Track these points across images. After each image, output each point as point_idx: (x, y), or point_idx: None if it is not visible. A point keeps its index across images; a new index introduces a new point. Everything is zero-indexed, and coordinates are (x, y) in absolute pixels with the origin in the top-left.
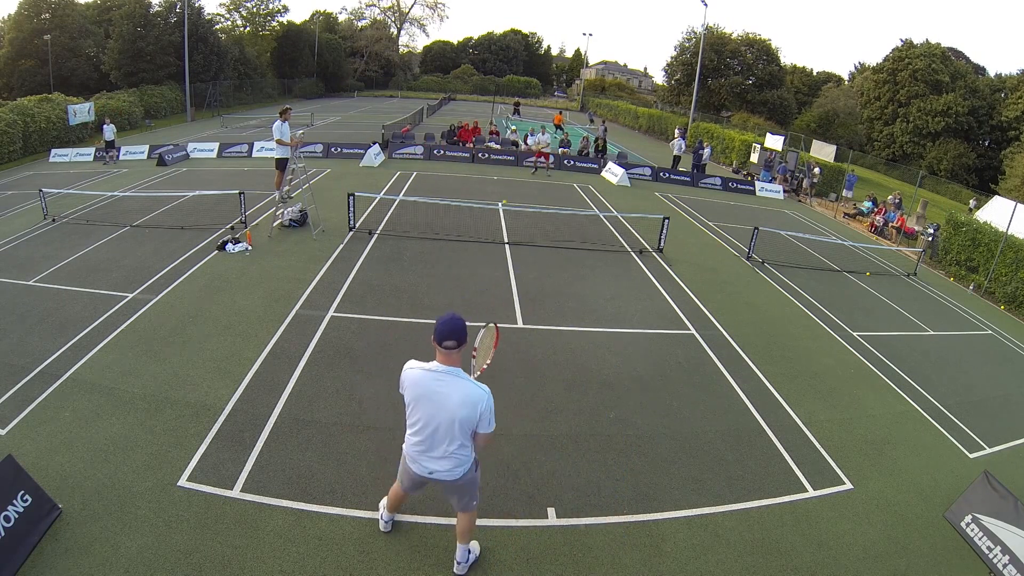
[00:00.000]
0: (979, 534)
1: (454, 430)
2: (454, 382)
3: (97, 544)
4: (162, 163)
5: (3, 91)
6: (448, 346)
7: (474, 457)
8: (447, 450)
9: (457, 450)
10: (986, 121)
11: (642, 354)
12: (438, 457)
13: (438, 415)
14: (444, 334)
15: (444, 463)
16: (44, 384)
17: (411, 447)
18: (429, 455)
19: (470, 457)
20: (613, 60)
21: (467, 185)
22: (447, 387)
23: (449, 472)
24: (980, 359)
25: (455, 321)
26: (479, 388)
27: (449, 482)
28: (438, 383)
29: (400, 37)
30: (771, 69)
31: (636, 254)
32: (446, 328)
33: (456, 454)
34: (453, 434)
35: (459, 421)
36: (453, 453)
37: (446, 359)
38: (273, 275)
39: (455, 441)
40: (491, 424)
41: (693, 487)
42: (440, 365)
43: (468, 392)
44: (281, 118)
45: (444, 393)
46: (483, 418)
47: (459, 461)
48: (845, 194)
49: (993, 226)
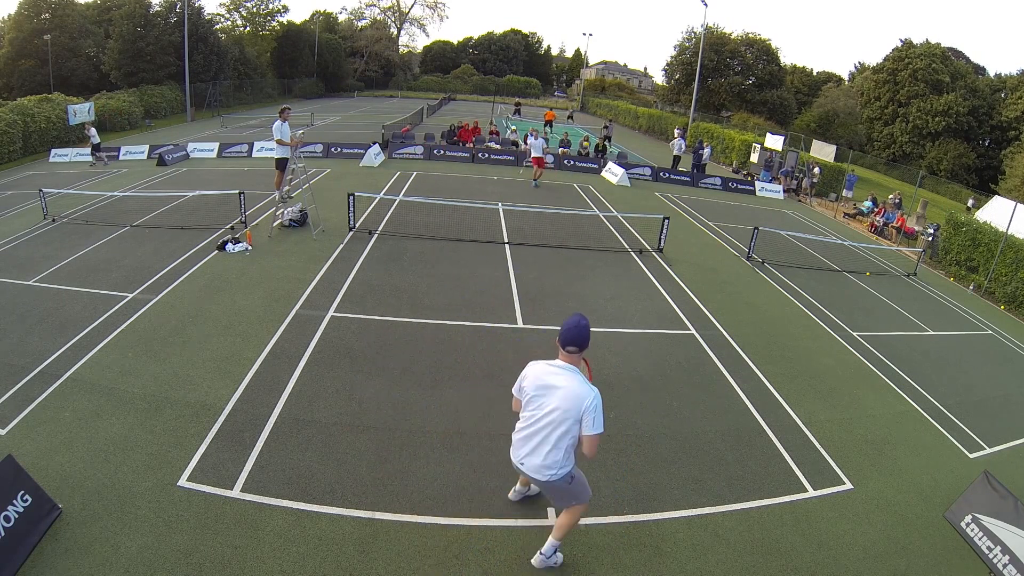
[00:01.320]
0: (979, 534)
1: (554, 426)
2: (567, 375)
3: (97, 544)
4: (162, 163)
5: (3, 91)
6: (570, 350)
7: (569, 471)
8: (542, 448)
9: (551, 452)
10: (986, 121)
11: (642, 354)
12: (531, 451)
13: (546, 404)
14: (567, 339)
15: (534, 458)
16: (44, 384)
17: (515, 435)
18: (526, 445)
19: (564, 467)
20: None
21: (467, 185)
22: (558, 379)
23: (537, 471)
24: (980, 359)
25: (580, 329)
26: (588, 386)
27: (538, 480)
28: (553, 375)
29: (400, 37)
30: (771, 69)
31: (636, 254)
32: (570, 335)
33: (550, 455)
34: (552, 430)
35: (562, 412)
36: (547, 453)
37: (567, 359)
38: (273, 275)
39: (550, 441)
40: (595, 425)
41: (693, 487)
42: (560, 361)
43: (576, 386)
44: (281, 118)
45: (554, 384)
46: (587, 415)
47: (551, 464)
48: (845, 194)
49: (993, 226)
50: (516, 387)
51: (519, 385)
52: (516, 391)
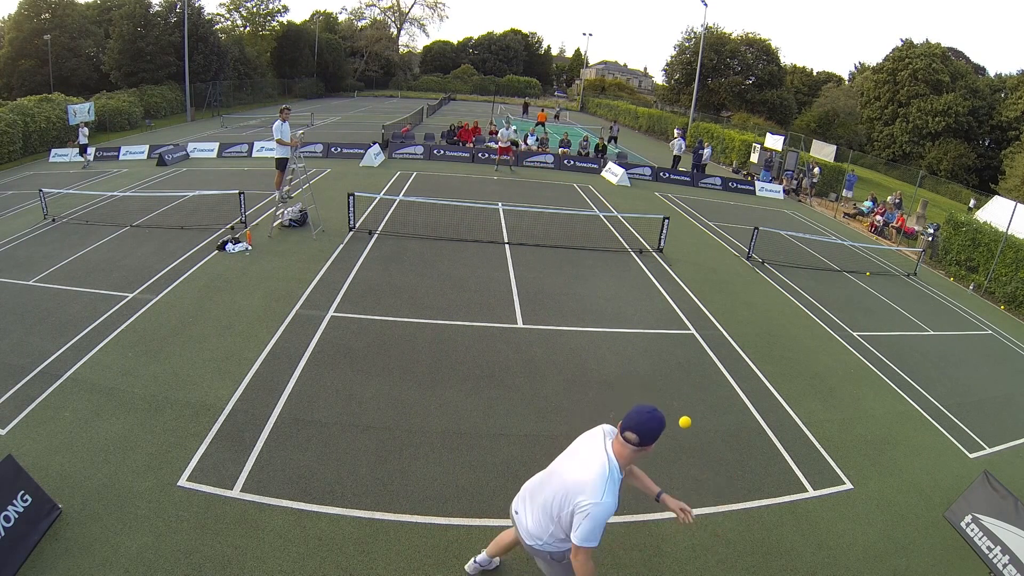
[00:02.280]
0: (979, 534)
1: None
2: (595, 456)
3: (97, 544)
4: (162, 163)
5: (3, 91)
6: (628, 436)
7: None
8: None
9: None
10: (986, 121)
11: (642, 354)
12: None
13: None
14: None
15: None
16: (44, 384)
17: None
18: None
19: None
20: (613, 60)
21: (467, 185)
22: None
23: (526, 532)
24: (980, 359)
25: (655, 419)
26: (602, 485)
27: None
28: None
29: (400, 37)
30: (771, 69)
31: (636, 254)
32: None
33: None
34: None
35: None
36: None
37: (619, 448)
38: (273, 275)
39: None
40: (582, 536)
41: (693, 487)
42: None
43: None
44: (281, 118)
45: (576, 451)
46: (574, 517)
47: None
48: (845, 194)
49: (993, 226)
50: None
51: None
52: None
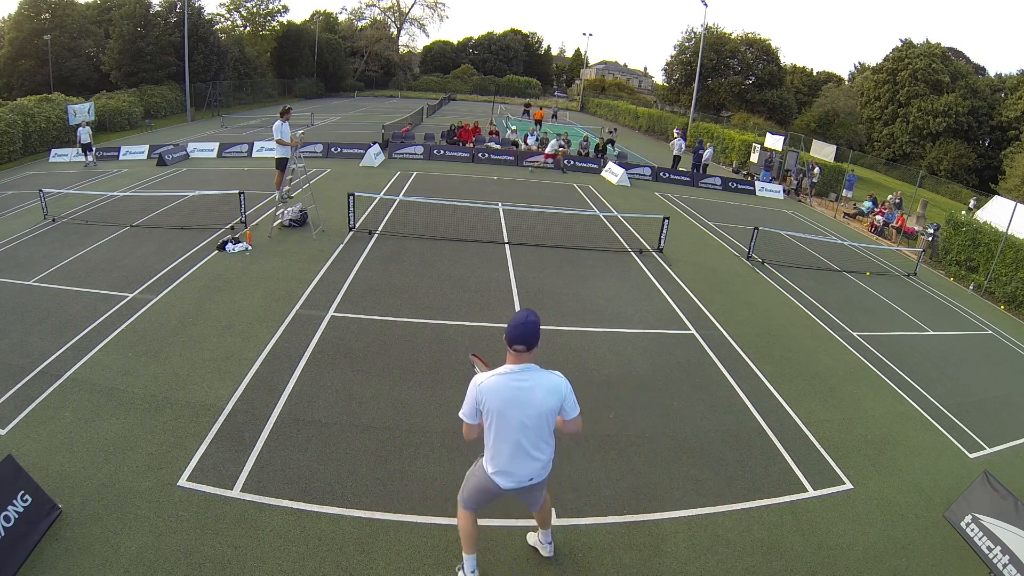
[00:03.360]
0: (979, 534)
1: (543, 425)
2: (533, 376)
3: (97, 544)
4: (162, 163)
5: (3, 91)
6: (518, 349)
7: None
8: (540, 451)
9: (547, 447)
10: (986, 121)
11: (642, 354)
12: (532, 460)
13: (527, 414)
14: (515, 338)
15: (537, 465)
16: (44, 384)
17: (500, 459)
18: (524, 461)
19: (552, 455)
20: (613, 60)
21: (467, 185)
22: (528, 382)
23: (542, 471)
24: (980, 359)
25: (528, 326)
26: (557, 376)
27: (539, 483)
28: (518, 381)
29: (400, 37)
30: (771, 69)
31: (636, 254)
32: (517, 332)
33: (547, 451)
34: (542, 431)
35: (547, 413)
36: (545, 450)
37: (516, 359)
38: (273, 275)
39: (544, 438)
40: (575, 408)
41: (693, 487)
42: (513, 366)
43: (549, 381)
44: (281, 118)
45: (527, 388)
46: (567, 402)
47: (549, 457)
48: (845, 194)
49: (993, 226)
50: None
51: (478, 402)
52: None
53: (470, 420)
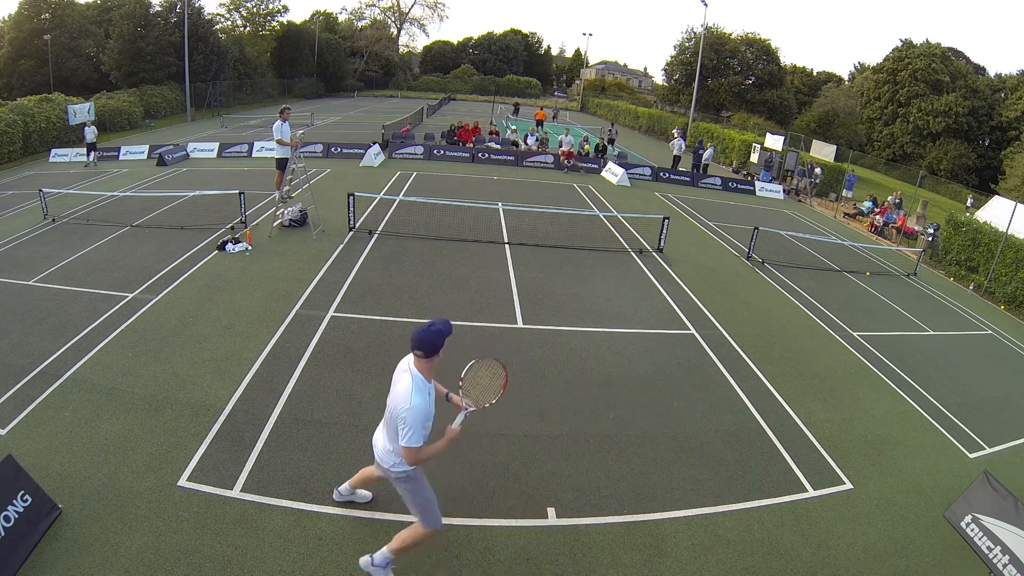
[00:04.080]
0: (979, 534)
1: (390, 424)
2: (402, 378)
3: (97, 544)
4: (162, 163)
5: (3, 91)
6: (416, 353)
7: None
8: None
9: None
10: (986, 121)
11: (642, 354)
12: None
13: (389, 401)
14: (412, 340)
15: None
16: (44, 384)
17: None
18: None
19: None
20: (613, 60)
21: (467, 185)
22: (396, 380)
23: (383, 458)
24: (980, 359)
25: (428, 332)
26: (408, 394)
27: (386, 468)
28: (395, 374)
29: (400, 37)
30: (771, 69)
31: (636, 254)
32: (414, 335)
33: (389, 447)
34: (391, 430)
35: (390, 411)
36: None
37: (418, 363)
38: (273, 275)
39: (390, 440)
40: (405, 438)
41: (693, 487)
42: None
43: (401, 390)
44: (281, 118)
45: (393, 383)
46: (398, 425)
47: (388, 457)
48: (845, 194)
49: (993, 226)
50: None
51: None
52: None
53: None
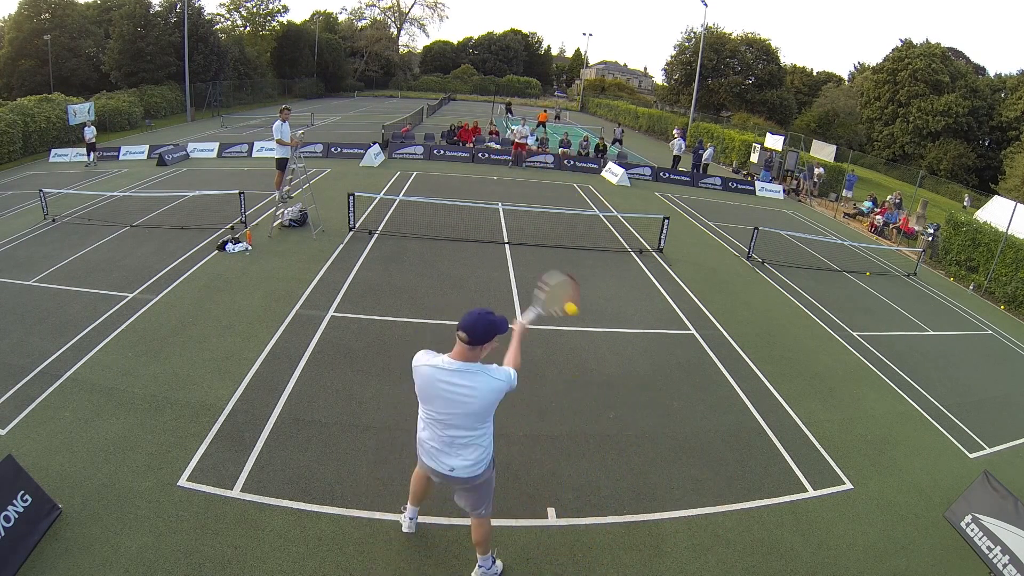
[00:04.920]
0: (979, 534)
1: (471, 423)
2: (467, 378)
3: (97, 544)
4: (162, 163)
5: (3, 91)
6: (461, 337)
7: (491, 455)
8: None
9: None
10: (986, 121)
11: (642, 354)
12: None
13: (453, 411)
14: (461, 324)
15: (462, 458)
16: (44, 384)
17: (426, 441)
18: (447, 451)
19: (489, 451)
20: (613, 60)
21: (467, 185)
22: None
23: (464, 476)
24: (980, 359)
25: (481, 319)
26: (495, 380)
27: (464, 479)
28: (449, 383)
29: (400, 37)
30: (771, 69)
31: (636, 254)
32: (466, 321)
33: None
34: (471, 425)
35: (476, 415)
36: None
37: (458, 352)
38: (273, 275)
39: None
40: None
41: (693, 487)
42: (452, 361)
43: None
44: (281, 118)
45: (457, 393)
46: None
47: (479, 455)
48: (845, 194)
49: (993, 226)
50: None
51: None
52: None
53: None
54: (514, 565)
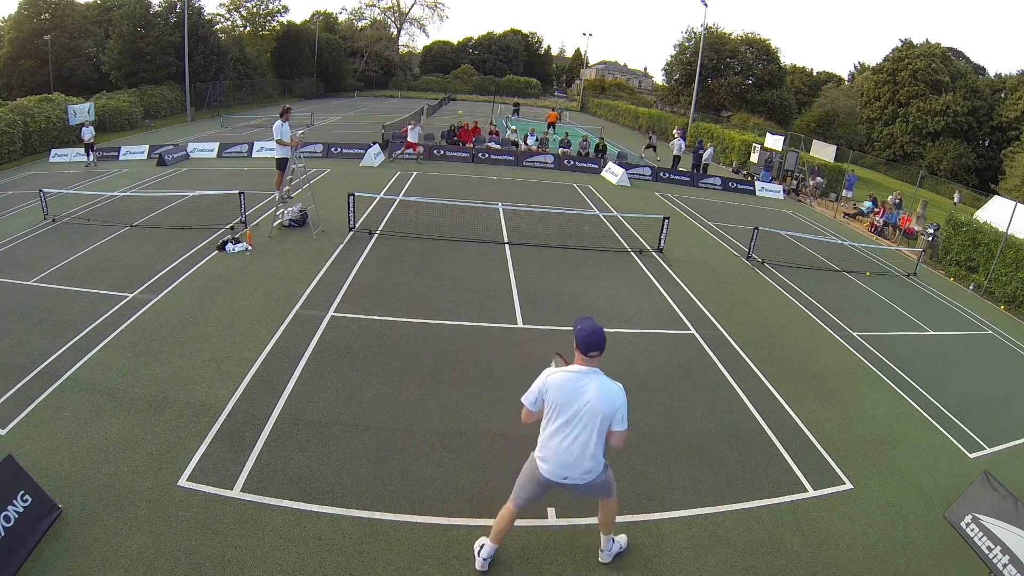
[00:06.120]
0: (979, 534)
1: (594, 427)
2: (595, 379)
3: (97, 544)
4: (162, 163)
5: (3, 91)
6: (592, 355)
7: (604, 462)
8: (585, 452)
9: (595, 452)
10: (986, 121)
11: (642, 354)
12: (574, 461)
13: (581, 411)
14: (589, 345)
15: (579, 467)
16: (44, 384)
17: (548, 451)
18: (567, 459)
19: (602, 461)
20: (613, 60)
21: (467, 185)
22: (588, 384)
23: (583, 476)
24: (980, 359)
25: (597, 333)
26: (616, 384)
27: (580, 486)
28: (580, 382)
29: (400, 37)
30: (771, 69)
31: (636, 254)
32: (591, 339)
33: (594, 456)
34: (592, 433)
35: (601, 416)
36: (592, 456)
37: (588, 364)
38: (273, 275)
39: (592, 442)
40: (624, 422)
41: (693, 487)
42: (582, 367)
43: (607, 387)
44: (281, 118)
45: (585, 389)
46: (619, 413)
47: (594, 464)
48: (845, 194)
49: (993, 226)
50: (540, 393)
51: (543, 392)
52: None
53: (530, 407)
54: (514, 565)
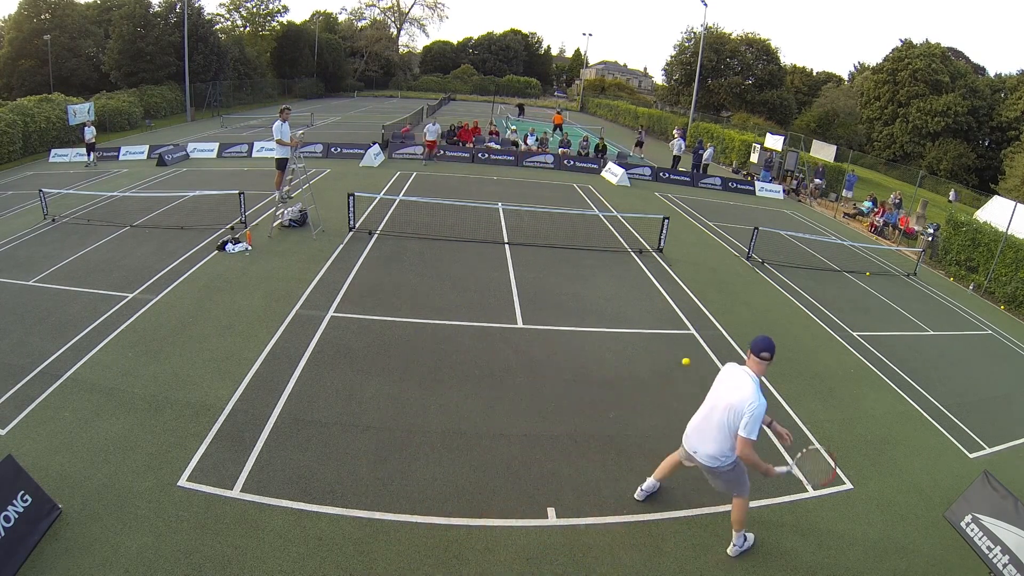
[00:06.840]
0: (979, 534)
1: (724, 419)
2: (744, 376)
3: (97, 544)
4: (162, 163)
5: (3, 91)
6: (764, 356)
7: (735, 458)
8: (712, 436)
9: (721, 440)
10: (986, 121)
11: (642, 354)
12: (704, 440)
13: (718, 396)
14: (762, 347)
15: (706, 448)
16: (44, 384)
17: (690, 423)
18: (699, 434)
19: (731, 456)
20: (613, 60)
21: (467, 185)
22: (736, 377)
23: (709, 459)
24: (980, 359)
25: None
26: (756, 391)
27: (707, 467)
28: (732, 373)
29: (400, 37)
30: (771, 69)
31: (636, 254)
32: (764, 342)
33: (719, 442)
34: (722, 423)
35: (729, 408)
36: (718, 440)
37: (755, 367)
38: (273, 275)
39: (722, 431)
40: (748, 429)
41: (693, 487)
42: (749, 368)
43: (745, 387)
44: (281, 118)
45: (730, 379)
46: (744, 417)
47: (719, 452)
48: (845, 194)
49: (993, 226)
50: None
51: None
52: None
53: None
54: (514, 565)
